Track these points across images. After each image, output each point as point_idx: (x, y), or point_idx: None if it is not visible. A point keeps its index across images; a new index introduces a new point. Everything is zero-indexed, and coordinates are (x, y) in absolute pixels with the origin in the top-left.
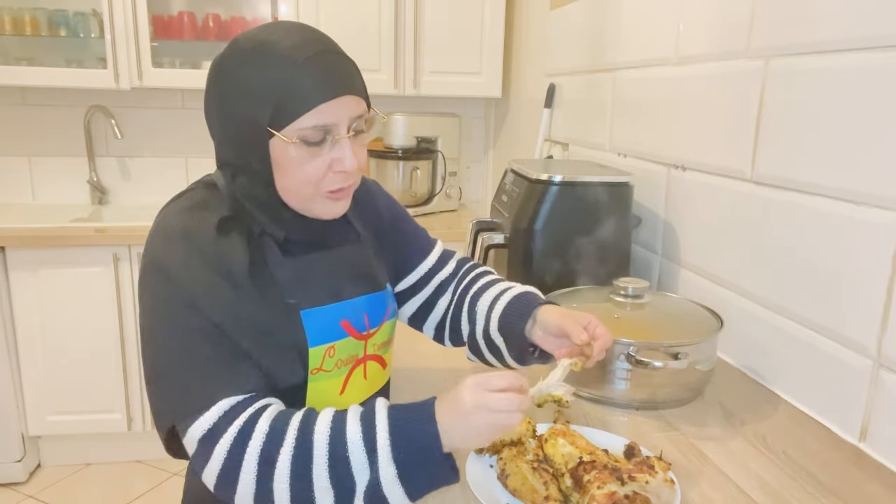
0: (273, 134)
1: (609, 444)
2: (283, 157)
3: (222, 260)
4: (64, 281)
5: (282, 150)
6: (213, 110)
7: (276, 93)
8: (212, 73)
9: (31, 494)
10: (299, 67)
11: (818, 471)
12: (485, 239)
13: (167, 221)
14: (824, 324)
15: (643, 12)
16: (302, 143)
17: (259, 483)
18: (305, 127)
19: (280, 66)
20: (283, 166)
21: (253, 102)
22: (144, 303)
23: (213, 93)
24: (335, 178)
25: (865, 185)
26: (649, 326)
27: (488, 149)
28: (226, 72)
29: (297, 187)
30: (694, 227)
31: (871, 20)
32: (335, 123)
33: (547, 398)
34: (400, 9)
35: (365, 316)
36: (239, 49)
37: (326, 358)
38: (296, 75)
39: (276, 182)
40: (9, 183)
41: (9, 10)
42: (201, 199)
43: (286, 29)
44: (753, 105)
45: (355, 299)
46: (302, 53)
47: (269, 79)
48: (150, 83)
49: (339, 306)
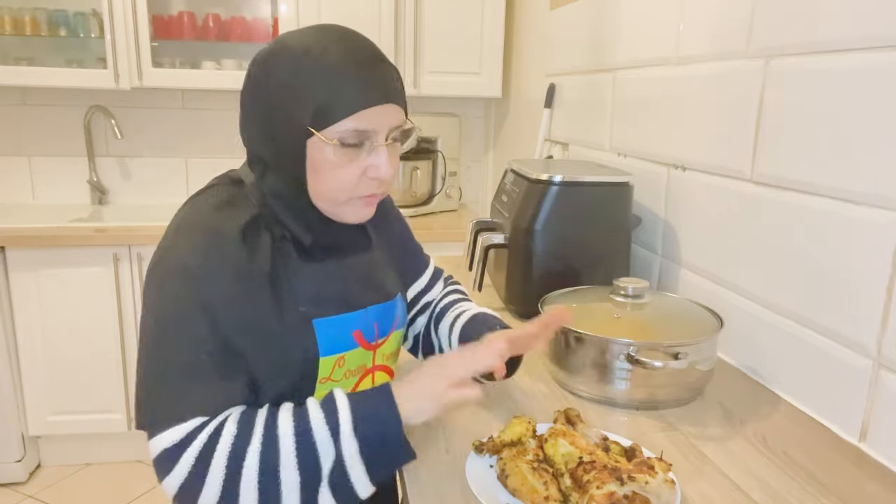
0: (312, 133)
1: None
2: (320, 158)
3: (246, 264)
4: (64, 281)
5: (319, 150)
6: (254, 106)
7: (321, 94)
8: (256, 70)
9: (31, 494)
10: (346, 71)
11: (818, 471)
12: (485, 239)
13: (193, 217)
14: (824, 324)
15: (643, 12)
16: (340, 145)
17: (226, 483)
18: (346, 130)
19: (327, 68)
20: (318, 167)
21: (297, 101)
22: (153, 298)
23: (255, 89)
24: (369, 184)
25: (865, 185)
26: (649, 326)
27: (488, 149)
28: (272, 69)
29: (330, 190)
30: (694, 227)
31: (871, 20)
32: (375, 130)
33: None
34: (400, 9)
35: (375, 326)
36: (287, 48)
37: (336, 368)
38: (342, 79)
39: (308, 183)
40: (9, 183)
41: (9, 10)
42: (229, 197)
43: (336, 33)
44: (753, 105)
45: (367, 309)
46: (350, 58)
47: (315, 80)
48: (150, 83)
49: (352, 316)
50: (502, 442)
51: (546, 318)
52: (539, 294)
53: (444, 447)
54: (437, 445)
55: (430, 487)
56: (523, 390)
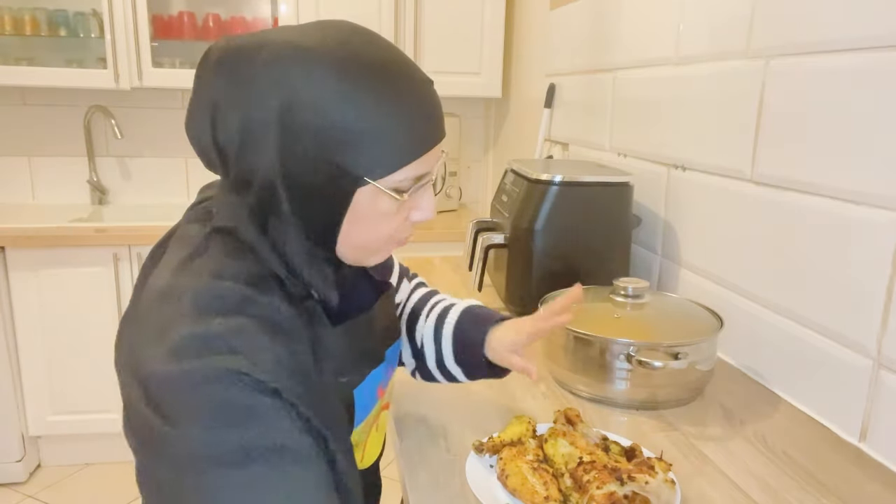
0: (366, 183)
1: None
2: (370, 210)
3: (300, 356)
4: (64, 281)
5: (371, 200)
6: (262, 131)
7: (379, 137)
8: (260, 79)
9: (31, 494)
10: (409, 106)
11: (818, 471)
12: (485, 239)
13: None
14: (824, 324)
15: (643, 12)
16: (397, 193)
17: None
18: (405, 178)
19: (387, 102)
20: (363, 217)
21: (346, 144)
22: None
23: (263, 105)
24: (409, 228)
25: (865, 185)
26: (649, 326)
27: (488, 149)
28: (298, 90)
29: (369, 239)
30: (694, 227)
31: (871, 20)
32: (429, 172)
33: None
34: (400, 9)
35: (390, 369)
36: (322, 64)
37: (362, 434)
38: (405, 117)
39: (341, 232)
40: (9, 183)
41: (9, 10)
42: (237, 267)
43: (377, 46)
44: (753, 105)
45: (386, 353)
46: (408, 87)
47: (370, 116)
48: (150, 83)
49: (378, 371)
50: (502, 442)
51: (564, 300)
52: (539, 294)
53: (444, 447)
54: (437, 445)
55: (430, 487)
56: (523, 390)
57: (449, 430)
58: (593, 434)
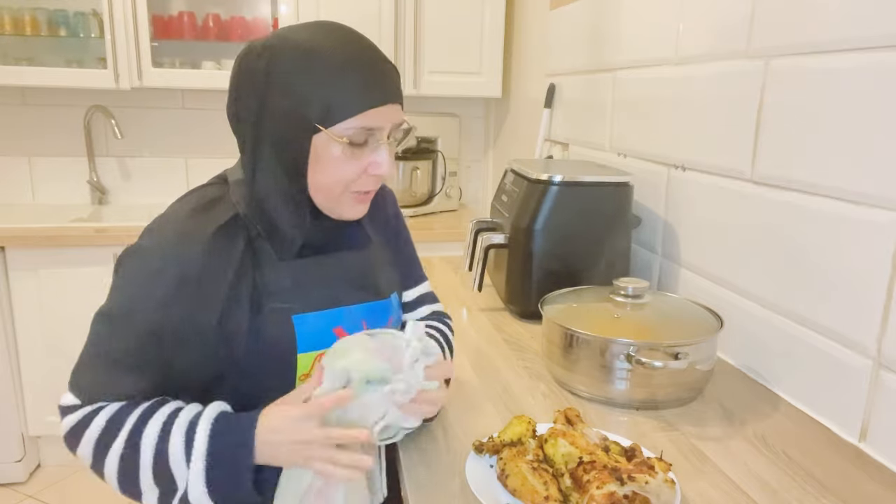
0: (319, 130)
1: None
2: (325, 154)
3: (201, 269)
4: (64, 281)
5: (325, 146)
6: (252, 96)
7: (330, 92)
8: (254, 61)
9: (31, 494)
10: (355, 70)
11: (818, 471)
12: (485, 239)
13: (166, 221)
14: (824, 324)
15: (643, 12)
16: (348, 143)
17: (94, 465)
18: (353, 128)
19: (337, 66)
20: (322, 163)
21: (304, 97)
22: (112, 284)
23: (254, 79)
24: (368, 181)
25: (865, 185)
26: (649, 326)
27: (488, 149)
28: (276, 63)
29: (330, 185)
30: (694, 227)
31: (871, 20)
32: (380, 128)
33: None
34: (400, 9)
35: (364, 324)
36: (292, 43)
37: (317, 364)
38: (351, 77)
39: (308, 175)
40: (9, 183)
41: (9, 10)
42: (209, 199)
43: (340, 31)
44: (753, 105)
45: (352, 307)
46: (358, 57)
47: (325, 77)
48: (150, 83)
49: (334, 312)
50: (502, 442)
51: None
52: (539, 294)
53: (444, 447)
54: (437, 445)
55: (430, 487)
56: (523, 390)
57: (449, 430)
58: (593, 434)
